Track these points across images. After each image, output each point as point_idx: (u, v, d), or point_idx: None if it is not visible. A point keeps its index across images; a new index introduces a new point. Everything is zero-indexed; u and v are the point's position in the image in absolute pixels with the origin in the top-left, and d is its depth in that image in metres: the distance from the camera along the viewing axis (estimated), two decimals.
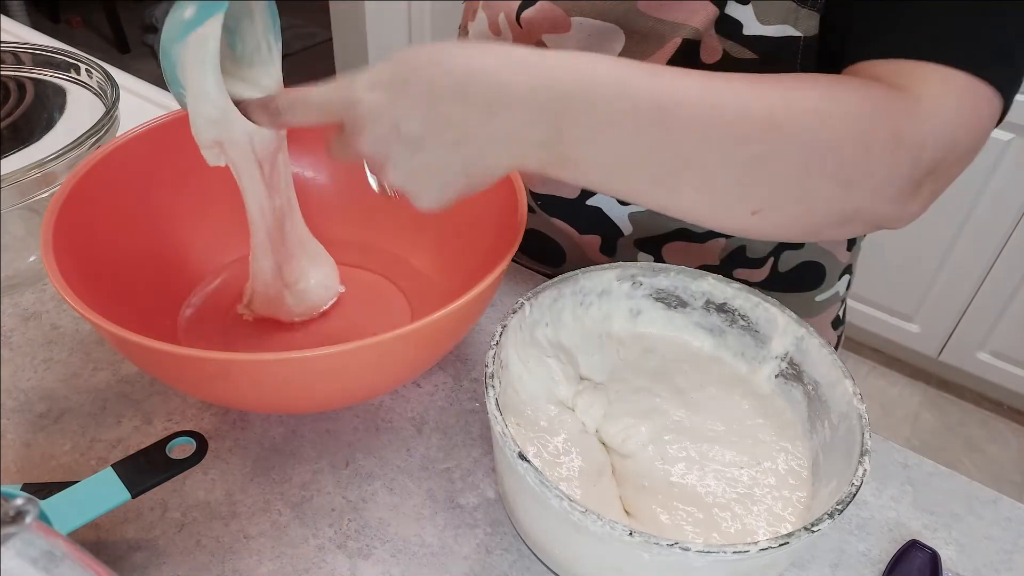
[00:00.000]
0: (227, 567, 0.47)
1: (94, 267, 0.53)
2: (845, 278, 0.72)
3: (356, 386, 0.50)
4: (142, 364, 0.49)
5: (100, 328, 0.44)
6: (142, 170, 0.59)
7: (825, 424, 0.49)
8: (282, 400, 0.50)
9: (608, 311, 0.56)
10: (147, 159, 0.60)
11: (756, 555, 0.38)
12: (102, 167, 0.56)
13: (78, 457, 0.53)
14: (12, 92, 0.74)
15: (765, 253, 0.66)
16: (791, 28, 0.51)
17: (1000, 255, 1.62)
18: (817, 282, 0.69)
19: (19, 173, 0.58)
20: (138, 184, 0.59)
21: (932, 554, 0.49)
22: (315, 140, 0.64)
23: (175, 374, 0.48)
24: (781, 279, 0.67)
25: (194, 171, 0.57)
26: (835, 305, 0.73)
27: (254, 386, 0.47)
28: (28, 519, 0.26)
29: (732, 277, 0.67)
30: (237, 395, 0.49)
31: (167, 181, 0.61)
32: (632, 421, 0.50)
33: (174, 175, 0.61)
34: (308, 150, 0.66)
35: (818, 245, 0.67)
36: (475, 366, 0.61)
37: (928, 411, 1.85)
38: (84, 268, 0.51)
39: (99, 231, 0.56)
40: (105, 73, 0.70)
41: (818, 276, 0.69)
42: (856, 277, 0.76)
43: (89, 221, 0.55)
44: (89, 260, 0.53)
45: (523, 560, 0.48)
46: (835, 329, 0.75)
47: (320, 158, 0.68)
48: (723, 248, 0.65)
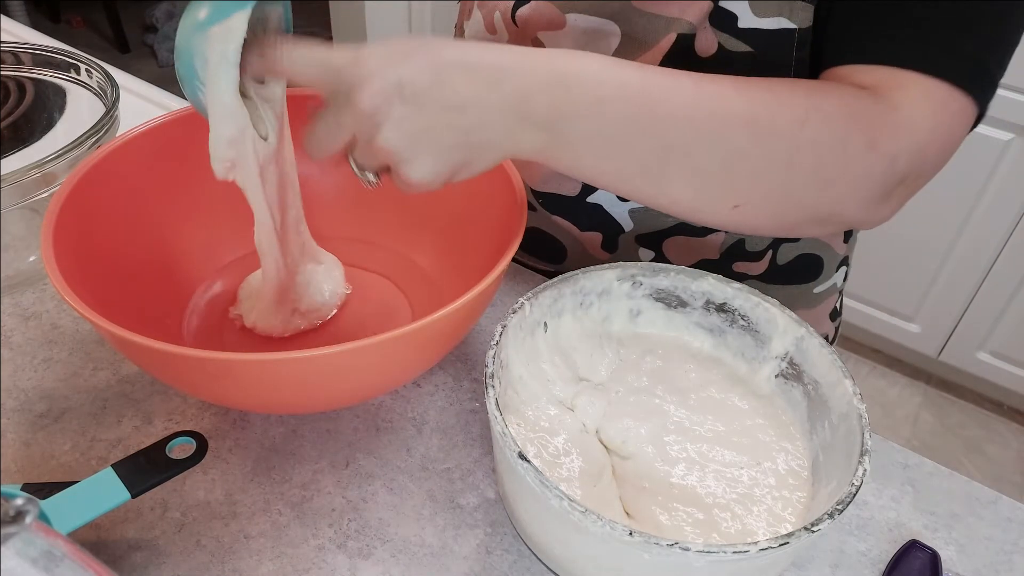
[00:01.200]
0: (227, 567, 0.47)
1: (94, 267, 0.53)
2: (842, 270, 0.73)
3: (357, 386, 0.50)
4: (143, 364, 0.49)
5: (101, 328, 0.43)
6: (142, 170, 0.59)
7: (825, 424, 0.49)
8: (282, 400, 0.50)
9: (608, 311, 0.56)
10: (147, 159, 0.60)
11: (756, 555, 0.38)
12: (102, 167, 0.56)
13: (78, 457, 0.53)
14: (12, 92, 0.74)
15: (764, 247, 0.66)
16: (786, 20, 0.52)
17: (1000, 255, 1.62)
18: (815, 274, 0.69)
19: (19, 173, 0.58)
20: (139, 184, 0.59)
21: (932, 554, 0.50)
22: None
23: (176, 374, 0.48)
24: (780, 271, 0.68)
25: (195, 171, 0.57)
26: (833, 296, 0.74)
27: (255, 386, 0.47)
28: (28, 519, 0.26)
29: (731, 271, 0.67)
30: (238, 395, 0.49)
31: (168, 181, 0.61)
32: (632, 423, 0.50)
33: (175, 175, 0.61)
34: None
35: (816, 238, 0.67)
36: (475, 366, 0.61)
37: (928, 411, 1.85)
38: (84, 268, 0.51)
39: (99, 231, 0.56)
40: (105, 73, 0.71)
41: (816, 268, 0.69)
42: (856, 277, 0.76)
43: (89, 221, 0.55)
44: (90, 260, 0.53)
45: (523, 560, 0.48)
46: (832, 321, 0.76)
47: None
48: (723, 242, 0.66)
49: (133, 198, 0.59)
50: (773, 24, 0.52)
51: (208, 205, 0.63)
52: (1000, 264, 1.63)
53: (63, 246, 0.50)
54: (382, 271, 0.67)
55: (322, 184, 0.68)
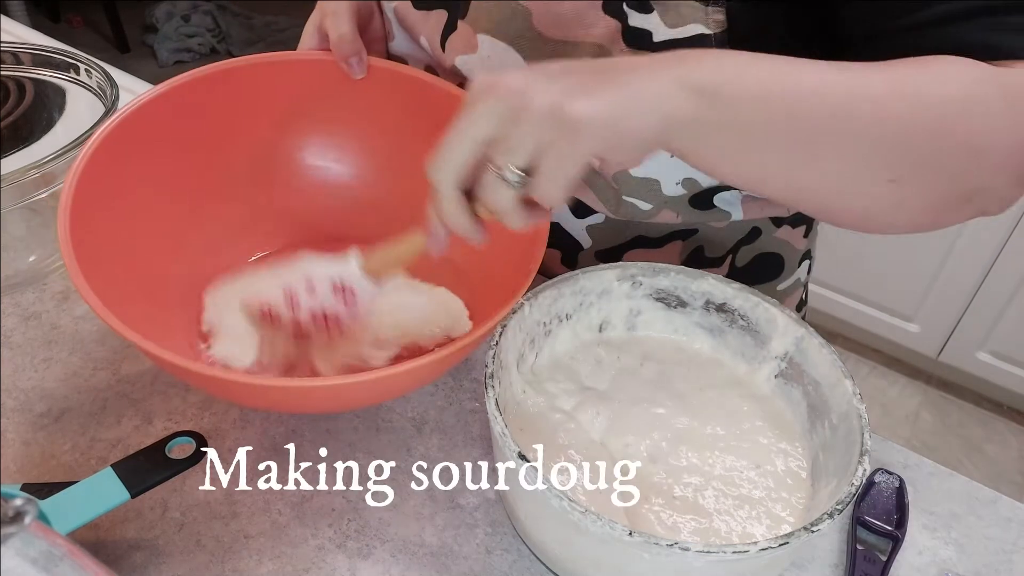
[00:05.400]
0: (227, 567, 0.47)
1: (109, 266, 0.52)
2: (805, 263, 0.73)
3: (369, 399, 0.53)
4: (180, 376, 0.50)
5: (143, 349, 0.44)
6: (145, 160, 0.58)
7: (825, 424, 0.49)
8: (315, 408, 0.54)
9: (608, 312, 0.56)
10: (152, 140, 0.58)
11: (756, 555, 0.38)
12: (107, 149, 0.54)
13: (78, 457, 0.53)
14: (12, 92, 0.73)
15: (723, 252, 0.66)
16: (702, 27, 0.51)
17: (1000, 255, 1.62)
18: (777, 272, 0.70)
19: (19, 173, 0.58)
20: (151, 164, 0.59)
21: (899, 480, 0.53)
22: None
23: (206, 387, 0.50)
24: (740, 273, 0.68)
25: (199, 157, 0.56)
26: (798, 291, 0.74)
27: (290, 404, 0.50)
28: (27, 519, 0.26)
29: None
30: (267, 405, 0.52)
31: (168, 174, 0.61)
32: (633, 439, 0.50)
33: (175, 171, 0.61)
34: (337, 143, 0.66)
35: (775, 236, 0.67)
36: (475, 366, 0.61)
37: (928, 411, 1.85)
38: (102, 270, 0.50)
39: (116, 218, 0.55)
40: (105, 73, 0.70)
41: (777, 266, 0.70)
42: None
43: (103, 209, 0.54)
44: (106, 260, 0.52)
45: (523, 560, 0.48)
46: (799, 311, 0.77)
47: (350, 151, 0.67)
48: (682, 250, 0.66)
49: (147, 180, 0.58)
50: (688, 32, 0.52)
51: (231, 188, 0.63)
52: (1000, 264, 1.63)
53: (82, 252, 0.48)
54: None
55: (353, 187, 0.67)
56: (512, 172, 0.40)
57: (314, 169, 0.67)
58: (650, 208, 0.61)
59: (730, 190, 0.61)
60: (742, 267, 0.68)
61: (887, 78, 0.43)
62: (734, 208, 0.62)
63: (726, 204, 0.62)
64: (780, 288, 0.71)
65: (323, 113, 0.65)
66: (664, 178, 0.59)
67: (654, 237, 0.65)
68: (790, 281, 0.72)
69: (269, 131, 0.64)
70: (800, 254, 0.71)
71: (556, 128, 0.38)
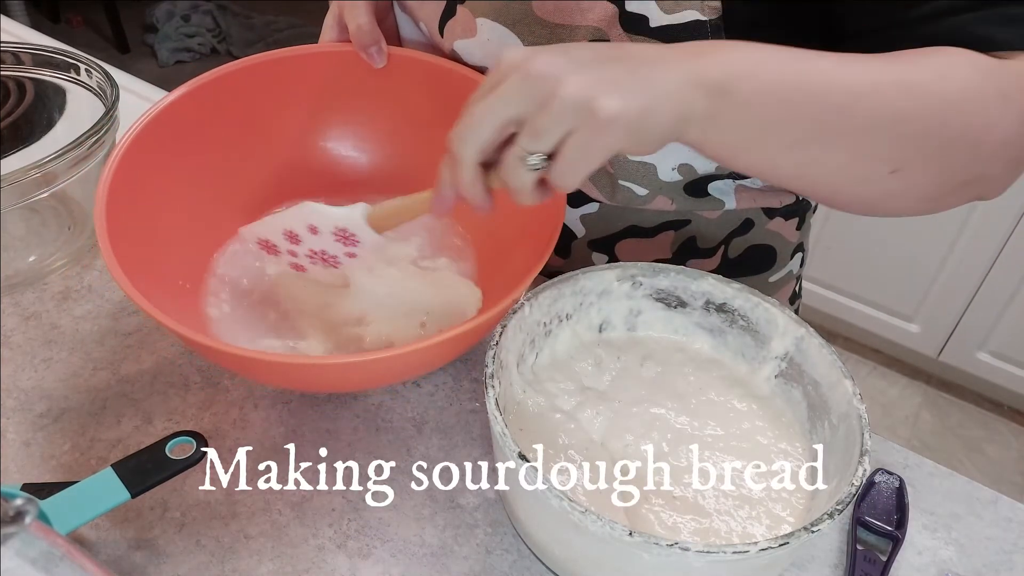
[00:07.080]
0: (227, 567, 0.47)
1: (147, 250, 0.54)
2: (798, 256, 0.73)
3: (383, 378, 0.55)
4: (217, 360, 0.51)
5: (191, 342, 0.45)
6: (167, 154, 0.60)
7: (825, 424, 0.49)
8: (343, 386, 0.56)
9: (608, 312, 0.56)
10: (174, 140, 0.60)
11: (756, 555, 0.38)
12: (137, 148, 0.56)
13: (78, 457, 0.53)
14: (12, 92, 0.73)
15: (716, 242, 0.66)
16: (697, 13, 0.52)
17: (1000, 255, 1.62)
18: (769, 263, 0.70)
19: (19, 173, 0.58)
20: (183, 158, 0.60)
21: (899, 480, 0.53)
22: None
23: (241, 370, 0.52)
24: (733, 265, 0.68)
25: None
26: (791, 283, 0.75)
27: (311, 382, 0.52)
28: (27, 519, 0.26)
29: None
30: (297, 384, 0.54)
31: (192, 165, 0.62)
32: (633, 439, 0.50)
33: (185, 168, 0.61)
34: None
35: (767, 228, 0.67)
36: (475, 366, 0.61)
37: (928, 411, 1.85)
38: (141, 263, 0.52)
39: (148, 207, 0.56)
40: (105, 73, 0.70)
41: (769, 258, 0.70)
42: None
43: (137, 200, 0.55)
44: (139, 252, 0.53)
45: (523, 560, 0.48)
46: (792, 304, 0.77)
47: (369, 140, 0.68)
48: (673, 240, 0.66)
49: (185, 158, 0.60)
50: (685, 18, 0.52)
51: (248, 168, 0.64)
52: (1000, 264, 1.63)
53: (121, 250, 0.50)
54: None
55: (364, 169, 0.68)
56: (535, 156, 0.41)
57: (339, 159, 0.68)
58: (646, 194, 0.61)
59: (724, 179, 0.61)
60: (734, 258, 0.68)
61: (890, 72, 0.44)
62: (727, 197, 0.62)
63: (720, 193, 0.62)
64: (772, 280, 0.71)
65: (346, 103, 0.66)
66: (660, 163, 0.59)
67: (647, 227, 0.65)
68: (782, 273, 0.72)
69: (294, 123, 0.66)
70: (792, 246, 0.71)
71: (584, 121, 0.39)
